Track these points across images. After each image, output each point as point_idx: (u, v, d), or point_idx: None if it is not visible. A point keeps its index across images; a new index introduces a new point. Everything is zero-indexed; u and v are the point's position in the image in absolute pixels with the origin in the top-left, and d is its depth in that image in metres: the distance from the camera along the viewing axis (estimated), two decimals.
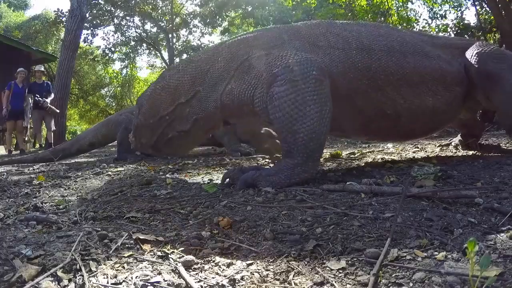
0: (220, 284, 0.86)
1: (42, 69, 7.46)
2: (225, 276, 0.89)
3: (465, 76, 2.29)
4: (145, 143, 2.57)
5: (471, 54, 2.30)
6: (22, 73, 6.75)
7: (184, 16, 18.95)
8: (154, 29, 19.39)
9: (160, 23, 18.50)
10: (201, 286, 0.85)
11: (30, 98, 6.68)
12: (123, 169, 3.00)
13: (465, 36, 9.40)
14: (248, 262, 0.96)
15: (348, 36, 2.10)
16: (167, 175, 2.50)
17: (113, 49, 19.42)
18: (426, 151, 3.01)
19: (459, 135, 3.01)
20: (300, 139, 1.69)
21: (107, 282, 0.89)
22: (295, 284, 0.84)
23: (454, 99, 2.25)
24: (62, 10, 15.34)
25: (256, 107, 1.90)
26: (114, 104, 22.30)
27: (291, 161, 1.73)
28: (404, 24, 9.94)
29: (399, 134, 2.36)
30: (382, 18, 10.20)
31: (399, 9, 10.93)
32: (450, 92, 2.21)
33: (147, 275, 0.90)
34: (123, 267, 0.97)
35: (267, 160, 3.05)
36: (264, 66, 1.88)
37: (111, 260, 1.01)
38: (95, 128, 4.56)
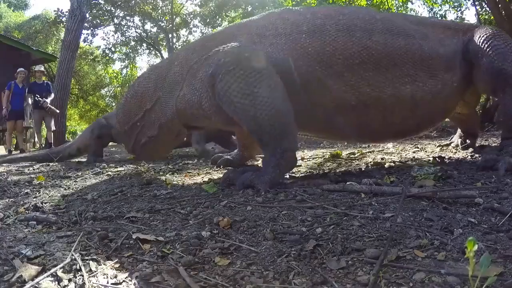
0: (220, 284, 0.86)
1: (42, 69, 7.46)
2: (225, 276, 0.89)
3: (462, 60, 2.04)
4: (128, 149, 2.62)
5: (483, 42, 2.00)
6: (22, 73, 6.75)
7: (184, 16, 18.95)
8: (154, 29, 19.40)
9: (160, 23, 18.49)
10: (201, 286, 0.85)
11: (30, 98, 6.68)
12: (123, 169, 3.00)
13: None
14: (248, 262, 0.96)
15: (299, 20, 1.89)
16: (167, 175, 2.50)
17: (113, 49, 19.44)
18: (426, 151, 3.01)
19: (457, 133, 2.94)
20: (262, 121, 1.61)
21: (107, 282, 0.89)
22: (295, 284, 0.84)
23: (444, 88, 1.95)
24: (62, 10, 15.34)
25: (206, 111, 1.85)
26: (114, 104, 22.29)
27: (270, 151, 1.68)
28: None
29: (373, 131, 2.02)
30: None
31: (399, 9, 10.93)
32: (436, 78, 1.92)
33: (147, 275, 0.90)
34: (123, 267, 0.97)
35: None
36: (205, 68, 1.82)
37: (111, 260, 1.01)
38: (82, 133, 4.53)
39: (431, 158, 2.46)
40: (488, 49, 1.97)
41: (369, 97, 1.80)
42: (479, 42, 2.02)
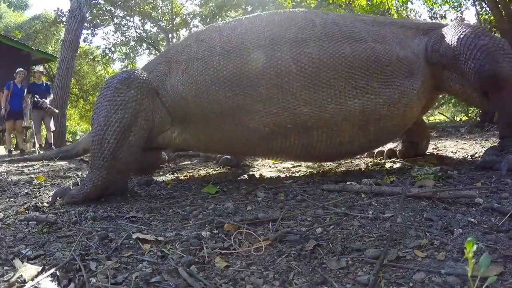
0: (220, 284, 0.86)
1: (42, 69, 7.46)
2: (225, 276, 0.89)
3: (425, 63, 1.84)
4: None
5: (465, 42, 1.73)
6: (21, 73, 6.75)
7: (184, 16, 18.95)
8: (154, 29, 19.40)
9: (160, 23, 18.49)
10: (201, 286, 0.85)
11: (28, 99, 6.69)
12: None
13: None
14: (248, 262, 0.96)
15: (214, 40, 1.69)
16: (167, 175, 2.50)
17: (113, 49, 19.44)
18: (426, 151, 3.00)
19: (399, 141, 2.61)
20: (93, 143, 1.58)
21: (107, 282, 0.89)
22: (295, 284, 0.84)
23: (402, 97, 1.71)
24: (61, 9, 15.34)
25: None
26: None
27: (89, 172, 1.63)
28: None
29: (320, 153, 1.78)
30: None
31: (399, 9, 10.93)
32: (393, 87, 1.68)
33: (147, 275, 0.90)
34: (123, 267, 0.97)
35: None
36: None
37: (111, 260, 1.01)
38: (88, 134, 4.60)
39: (432, 158, 2.45)
40: (474, 51, 1.70)
41: (309, 117, 1.58)
42: (459, 42, 1.75)
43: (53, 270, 0.94)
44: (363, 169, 2.21)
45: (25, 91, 6.73)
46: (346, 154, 1.95)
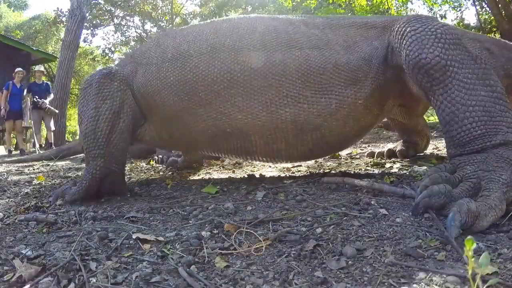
0: (220, 284, 0.86)
1: (42, 69, 7.47)
2: (225, 276, 0.89)
3: (384, 66, 1.66)
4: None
5: (399, 32, 1.55)
6: (20, 73, 6.75)
7: (184, 16, 18.95)
8: (154, 29, 19.40)
9: (160, 23, 18.49)
10: (201, 286, 0.85)
11: (28, 98, 6.69)
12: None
13: None
14: (248, 262, 0.96)
15: (167, 46, 1.78)
16: (167, 175, 2.50)
17: (113, 49, 19.45)
18: (425, 151, 3.01)
19: (401, 141, 2.61)
20: (83, 137, 1.67)
21: (107, 282, 0.89)
22: (295, 284, 0.84)
23: (341, 108, 1.62)
24: (61, 9, 15.35)
25: None
26: None
27: (86, 166, 1.72)
28: None
29: (261, 156, 1.82)
30: None
31: (399, 9, 10.94)
32: (329, 97, 1.61)
33: (147, 275, 0.90)
34: (123, 267, 0.97)
35: None
36: None
37: (111, 260, 1.01)
38: None
39: (431, 158, 2.46)
40: (404, 39, 1.50)
41: (244, 124, 1.62)
42: (397, 34, 1.57)
43: (53, 270, 0.94)
44: (363, 169, 2.22)
45: (25, 90, 6.73)
46: (289, 160, 1.91)
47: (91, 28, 16.94)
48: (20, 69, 6.84)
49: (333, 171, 2.16)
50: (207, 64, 1.63)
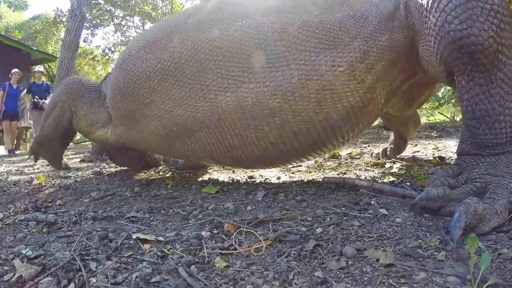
0: (220, 284, 0.86)
1: (42, 69, 7.48)
2: (225, 276, 0.89)
3: (378, 26, 1.32)
4: None
5: None
6: (17, 74, 6.84)
7: None
8: None
9: None
10: (201, 286, 0.85)
11: (28, 99, 6.71)
12: (123, 169, 3.00)
13: None
14: (248, 262, 0.96)
15: (125, 52, 1.78)
16: (167, 175, 2.50)
17: (113, 49, 19.45)
18: (426, 149, 3.01)
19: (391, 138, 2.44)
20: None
21: (107, 282, 0.89)
22: (295, 284, 0.84)
23: (309, 79, 1.26)
24: (61, 9, 15.36)
25: None
26: None
27: None
28: None
29: (219, 157, 1.60)
30: None
31: None
32: (291, 67, 1.27)
33: (147, 275, 0.90)
34: (123, 267, 0.97)
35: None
36: None
37: (111, 260, 1.01)
38: None
39: (431, 158, 2.46)
40: (438, 3, 1.13)
41: (185, 119, 1.42)
42: None
43: (53, 270, 0.94)
44: (363, 169, 2.22)
45: (24, 91, 6.78)
46: (250, 160, 1.55)
47: (91, 28, 16.94)
48: (16, 70, 6.88)
49: (333, 171, 2.16)
50: (142, 60, 1.51)
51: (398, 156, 2.54)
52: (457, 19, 1.08)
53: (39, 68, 7.47)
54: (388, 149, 2.41)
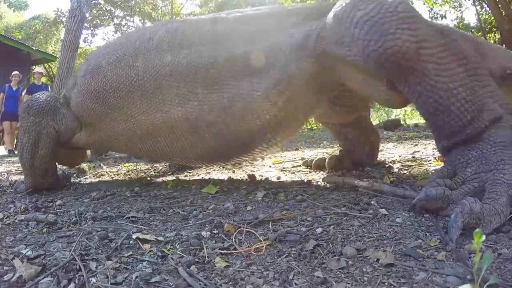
0: (220, 284, 0.86)
1: (41, 70, 7.53)
2: (225, 276, 0.89)
3: (291, 55, 1.48)
4: None
5: (332, 15, 1.34)
6: (16, 77, 7.06)
7: (184, 16, 18.96)
8: None
9: None
10: (201, 286, 0.85)
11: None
12: (123, 169, 3.00)
13: None
14: (248, 262, 0.96)
15: (91, 59, 1.94)
16: (167, 175, 2.50)
17: None
18: (426, 149, 3.01)
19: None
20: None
21: (107, 282, 0.89)
22: (295, 284, 0.84)
23: (234, 101, 1.53)
24: (61, 10, 15.36)
25: None
26: None
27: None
28: None
29: (173, 156, 1.86)
30: None
31: None
32: (223, 90, 1.54)
33: (147, 275, 0.90)
34: (123, 267, 0.97)
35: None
36: None
37: (111, 260, 1.01)
38: None
39: (431, 158, 2.46)
40: (357, 27, 1.24)
41: (147, 125, 1.69)
42: (341, 21, 1.31)
43: (53, 270, 0.94)
44: (363, 168, 2.21)
45: (24, 92, 6.86)
46: (201, 160, 1.87)
47: (91, 28, 16.93)
48: (16, 72, 7.08)
49: (332, 172, 2.16)
50: (112, 73, 1.73)
51: (403, 157, 2.53)
52: (372, 41, 1.20)
53: (38, 69, 7.51)
54: (327, 160, 2.20)
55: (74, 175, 2.74)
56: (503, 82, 1.44)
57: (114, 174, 2.72)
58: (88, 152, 2.72)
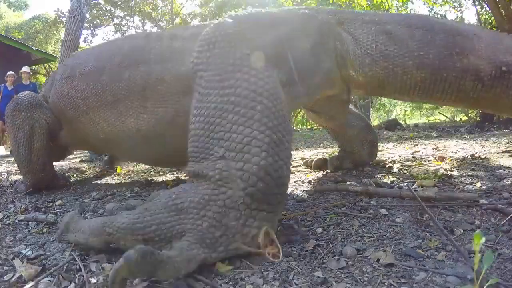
0: (220, 284, 0.86)
1: (28, 70, 7.54)
2: (225, 276, 0.89)
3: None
4: None
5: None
6: (11, 76, 7.15)
7: (184, 16, 18.95)
8: (154, 29, 19.40)
9: (160, 23, 18.49)
10: (201, 287, 0.85)
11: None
12: (123, 168, 3.00)
13: None
14: (248, 262, 0.96)
15: (67, 65, 2.08)
16: (167, 175, 2.50)
17: None
18: (426, 149, 3.01)
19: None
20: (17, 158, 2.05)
21: (107, 282, 0.88)
22: (295, 284, 0.84)
23: (178, 115, 1.59)
24: (61, 10, 15.35)
25: None
26: None
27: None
28: None
29: (134, 158, 2.18)
30: None
31: (399, 9, 10.94)
32: (167, 106, 1.63)
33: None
34: None
35: None
36: None
37: (111, 260, 1.01)
38: None
39: (431, 158, 2.46)
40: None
41: (109, 131, 1.83)
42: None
43: (53, 270, 0.94)
44: (363, 168, 2.21)
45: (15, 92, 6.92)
46: (162, 164, 2.16)
47: (91, 28, 16.92)
48: (11, 72, 7.15)
49: (332, 172, 2.16)
50: (83, 83, 1.88)
51: (403, 157, 2.53)
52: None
53: (26, 69, 7.52)
54: (328, 160, 2.22)
55: (74, 175, 2.74)
56: (496, 82, 1.45)
57: (114, 174, 2.72)
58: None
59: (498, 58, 1.47)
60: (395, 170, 2.08)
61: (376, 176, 1.90)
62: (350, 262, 0.92)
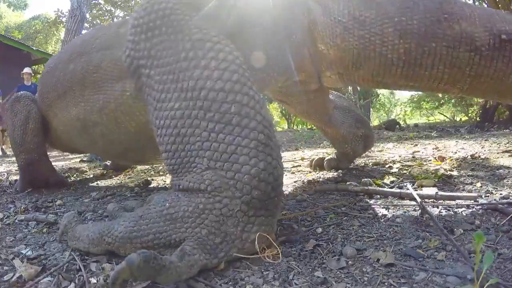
0: (220, 284, 0.86)
1: (30, 71, 7.53)
2: (225, 276, 0.89)
3: None
4: None
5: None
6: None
7: None
8: None
9: None
10: (201, 287, 0.85)
11: None
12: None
13: None
14: (248, 262, 0.96)
15: (53, 58, 2.15)
16: (167, 175, 2.50)
17: None
18: (426, 149, 3.01)
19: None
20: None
21: (108, 282, 0.88)
22: (295, 284, 0.84)
23: (108, 102, 1.55)
24: (62, 10, 15.35)
25: None
26: None
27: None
28: None
29: (92, 149, 2.21)
30: None
31: None
32: (100, 92, 1.58)
33: None
34: None
35: None
36: None
37: (111, 260, 1.01)
38: None
39: (431, 158, 2.46)
40: None
41: (64, 121, 1.89)
42: None
43: (53, 270, 0.94)
44: (363, 168, 2.22)
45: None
46: (106, 154, 2.19)
47: (91, 28, 16.95)
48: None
49: (333, 171, 2.16)
50: (59, 72, 1.89)
51: (403, 157, 2.53)
52: None
53: (27, 69, 7.52)
54: (325, 161, 2.21)
55: (74, 175, 2.75)
56: (497, 54, 1.24)
57: (114, 174, 2.72)
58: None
59: (495, 26, 1.25)
60: (395, 170, 2.08)
61: (376, 176, 1.90)
62: (350, 262, 0.92)
